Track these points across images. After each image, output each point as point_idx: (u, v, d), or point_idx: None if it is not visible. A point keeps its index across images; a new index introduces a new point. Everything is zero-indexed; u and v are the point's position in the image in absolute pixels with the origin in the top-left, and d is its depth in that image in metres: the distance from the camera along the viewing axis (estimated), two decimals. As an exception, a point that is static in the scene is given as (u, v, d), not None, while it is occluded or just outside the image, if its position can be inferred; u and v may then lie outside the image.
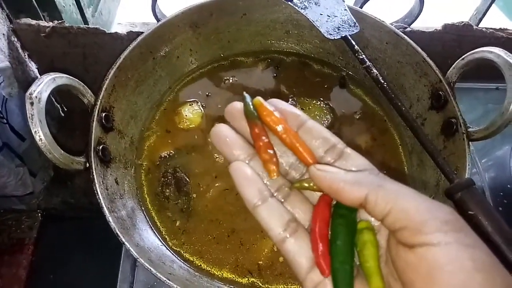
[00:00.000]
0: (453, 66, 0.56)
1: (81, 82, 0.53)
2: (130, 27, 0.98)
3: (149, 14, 0.78)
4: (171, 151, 0.63)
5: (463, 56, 0.55)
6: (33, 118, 0.47)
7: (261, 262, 0.54)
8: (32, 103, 0.47)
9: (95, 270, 0.86)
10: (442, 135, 0.57)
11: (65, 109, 0.94)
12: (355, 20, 0.58)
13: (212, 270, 0.55)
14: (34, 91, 0.47)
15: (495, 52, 0.51)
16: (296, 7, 0.60)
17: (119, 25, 1.02)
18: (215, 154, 0.62)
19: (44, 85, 0.48)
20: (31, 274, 0.89)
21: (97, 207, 0.50)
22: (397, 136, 0.65)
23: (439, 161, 0.49)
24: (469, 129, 0.54)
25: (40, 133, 0.47)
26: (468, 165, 0.52)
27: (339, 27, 0.59)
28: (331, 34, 0.57)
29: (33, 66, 0.83)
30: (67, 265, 0.90)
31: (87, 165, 0.51)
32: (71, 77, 0.52)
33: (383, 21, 0.63)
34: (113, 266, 0.70)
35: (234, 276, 0.54)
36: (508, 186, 0.76)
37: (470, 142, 0.54)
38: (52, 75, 0.50)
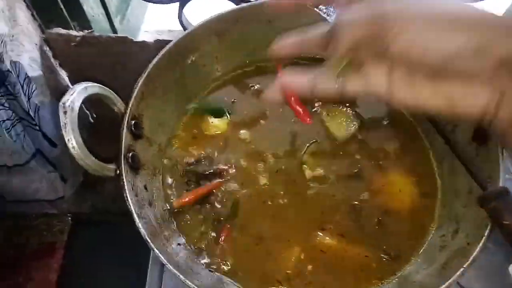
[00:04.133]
0: (486, 70, 0.55)
1: (111, 91, 0.55)
2: (157, 35, 1.00)
3: (175, 22, 0.79)
4: (198, 158, 0.63)
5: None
6: (66, 127, 0.48)
7: (289, 271, 0.54)
8: (65, 112, 0.48)
9: (124, 274, 0.88)
10: (474, 143, 0.56)
11: (94, 116, 0.96)
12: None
13: (241, 278, 0.55)
14: (67, 100, 0.49)
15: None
16: (321, 12, 0.60)
17: (146, 33, 1.04)
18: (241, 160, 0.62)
19: (76, 95, 0.50)
20: (62, 278, 0.92)
21: (125, 212, 0.51)
22: (428, 143, 0.64)
23: (472, 169, 0.47)
24: (503, 136, 0.53)
25: (73, 141, 0.48)
26: (502, 173, 0.51)
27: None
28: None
29: (64, 75, 0.85)
30: (97, 269, 0.92)
31: (118, 172, 0.52)
32: (102, 86, 0.53)
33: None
34: (142, 270, 0.71)
35: (262, 285, 0.54)
36: (544, 193, 0.73)
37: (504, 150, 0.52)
38: (84, 84, 0.52)
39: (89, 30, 0.79)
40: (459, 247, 0.50)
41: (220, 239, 0.56)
